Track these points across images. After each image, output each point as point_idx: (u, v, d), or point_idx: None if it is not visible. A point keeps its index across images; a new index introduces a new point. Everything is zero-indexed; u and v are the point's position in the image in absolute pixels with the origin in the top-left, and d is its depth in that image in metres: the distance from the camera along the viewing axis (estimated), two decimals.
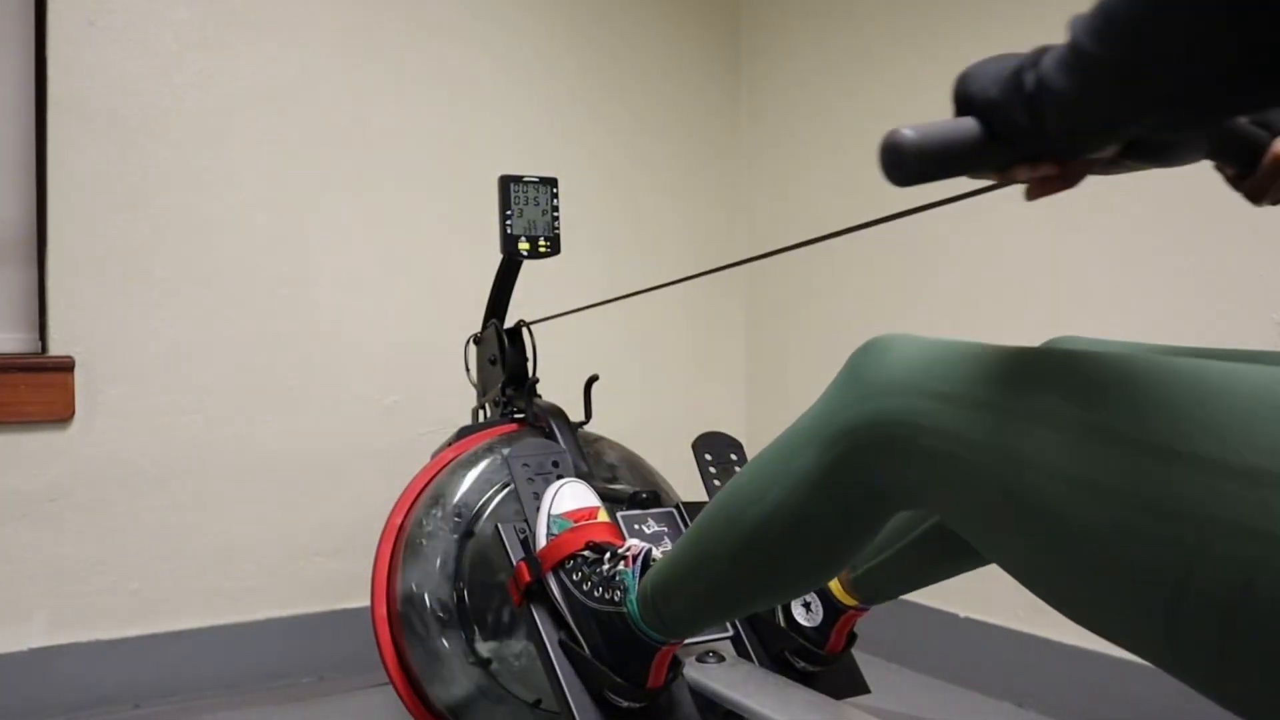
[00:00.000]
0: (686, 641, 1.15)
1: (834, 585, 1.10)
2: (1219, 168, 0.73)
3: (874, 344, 0.74)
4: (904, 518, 1.00)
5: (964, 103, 0.59)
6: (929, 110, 1.94)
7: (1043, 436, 0.57)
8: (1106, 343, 0.80)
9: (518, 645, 1.28)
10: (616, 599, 1.00)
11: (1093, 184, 0.68)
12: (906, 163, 0.57)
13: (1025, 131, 0.56)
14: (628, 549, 1.03)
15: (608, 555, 1.05)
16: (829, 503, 0.75)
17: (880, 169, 0.58)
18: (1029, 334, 1.00)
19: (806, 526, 0.77)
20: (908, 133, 0.57)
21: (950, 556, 0.97)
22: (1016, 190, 0.64)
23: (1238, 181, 0.72)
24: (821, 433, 0.74)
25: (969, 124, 0.59)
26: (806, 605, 1.13)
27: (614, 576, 1.02)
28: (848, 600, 1.09)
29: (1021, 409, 0.59)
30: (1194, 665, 0.52)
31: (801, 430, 0.78)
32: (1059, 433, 0.56)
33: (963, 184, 0.66)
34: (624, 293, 1.40)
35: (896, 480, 0.69)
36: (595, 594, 1.02)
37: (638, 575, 0.99)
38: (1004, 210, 1.70)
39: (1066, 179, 0.62)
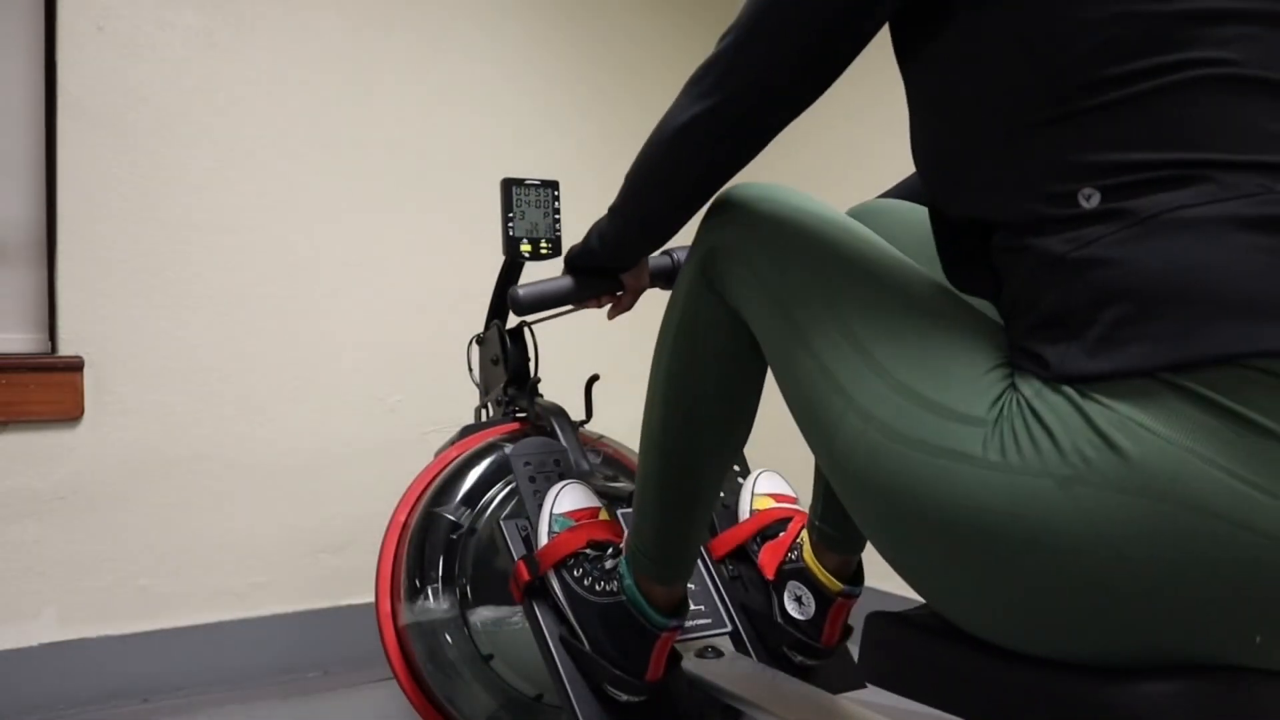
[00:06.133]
0: (686, 638, 1.17)
1: (816, 569, 1.12)
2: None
3: (732, 190, 0.87)
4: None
5: (565, 264, 1.06)
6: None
7: (794, 285, 0.75)
8: (891, 208, 0.94)
9: (519, 641, 1.29)
10: (615, 589, 1.02)
11: None
12: (521, 306, 1.07)
13: (590, 271, 1.04)
14: (627, 543, 1.06)
15: (609, 551, 1.07)
16: (703, 311, 0.89)
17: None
18: None
19: (699, 344, 0.90)
20: (520, 291, 1.07)
21: None
22: None
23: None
24: (693, 256, 0.90)
25: (566, 280, 1.06)
26: (798, 599, 1.15)
27: (614, 569, 1.04)
28: (833, 585, 1.11)
29: (783, 259, 0.77)
30: (841, 489, 0.71)
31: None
32: (803, 285, 0.75)
33: None
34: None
35: (729, 284, 0.84)
36: (596, 588, 1.04)
37: None
38: None
39: (625, 302, 1.10)
